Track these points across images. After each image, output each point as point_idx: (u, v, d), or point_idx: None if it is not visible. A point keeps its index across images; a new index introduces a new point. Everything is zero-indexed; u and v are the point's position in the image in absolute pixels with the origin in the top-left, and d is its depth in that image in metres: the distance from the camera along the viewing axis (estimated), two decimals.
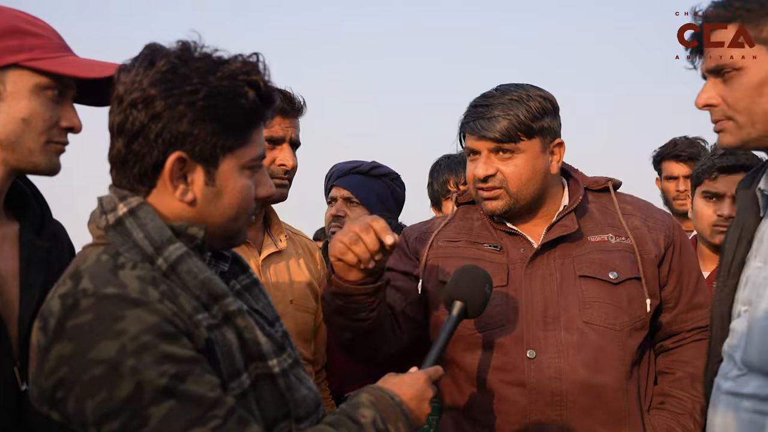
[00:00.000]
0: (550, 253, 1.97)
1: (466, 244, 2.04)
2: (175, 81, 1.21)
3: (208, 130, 1.22)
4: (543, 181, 1.98)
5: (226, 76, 1.23)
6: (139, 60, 1.25)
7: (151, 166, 1.23)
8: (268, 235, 2.23)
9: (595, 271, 1.93)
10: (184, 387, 1.11)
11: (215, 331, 1.21)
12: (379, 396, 1.35)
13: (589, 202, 2.06)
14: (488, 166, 1.95)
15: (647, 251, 1.98)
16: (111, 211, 1.24)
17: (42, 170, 1.51)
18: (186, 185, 1.25)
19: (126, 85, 1.23)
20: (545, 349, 1.88)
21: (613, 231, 1.99)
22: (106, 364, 1.09)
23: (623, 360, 1.89)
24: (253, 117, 1.29)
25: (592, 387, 1.86)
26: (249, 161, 1.29)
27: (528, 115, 1.93)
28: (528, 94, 1.97)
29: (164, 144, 1.21)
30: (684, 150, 3.50)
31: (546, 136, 1.97)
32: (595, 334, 1.88)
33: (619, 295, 1.92)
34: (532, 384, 1.87)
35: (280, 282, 2.18)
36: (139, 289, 1.15)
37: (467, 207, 2.14)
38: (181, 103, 1.20)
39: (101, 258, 1.21)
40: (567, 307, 1.91)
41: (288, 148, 2.16)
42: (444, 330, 1.66)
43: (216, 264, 1.39)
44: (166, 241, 1.22)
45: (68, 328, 1.13)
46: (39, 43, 1.46)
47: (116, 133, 1.24)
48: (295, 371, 1.33)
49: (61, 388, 1.12)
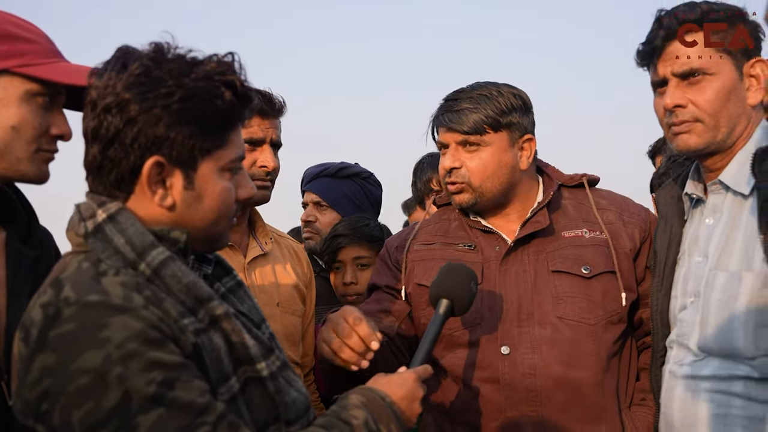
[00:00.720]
0: (523, 250, 1.99)
1: (441, 245, 2.07)
2: (149, 84, 1.19)
3: (185, 133, 1.20)
4: (510, 176, 2.00)
5: (201, 77, 1.22)
6: (112, 63, 1.23)
7: (128, 171, 1.21)
8: (253, 237, 2.22)
9: (568, 266, 1.95)
10: (172, 394, 1.10)
11: (202, 336, 1.20)
12: (370, 397, 1.35)
13: (563, 198, 2.09)
14: (454, 158, 2.00)
15: (622, 245, 1.99)
16: (90, 218, 1.22)
17: (30, 179, 1.48)
18: (165, 190, 1.23)
19: (99, 90, 1.21)
20: (519, 345, 1.90)
21: (588, 226, 2.02)
22: (92, 373, 1.08)
23: (598, 354, 1.91)
24: (231, 118, 1.27)
25: (567, 382, 1.88)
26: (228, 163, 1.28)
27: (496, 109, 1.97)
28: (499, 90, 2.01)
29: (141, 149, 1.19)
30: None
31: (514, 131, 2.00)
32: (568, 329, 1.90)
33: (593, 290, 1.94)
34: (506, 380, 1.88)
35: (266, 285, 2.17)
36: (122, 296, 1.13)
37: (445, 209, 2.18)
38: (156, 106, 1.18)
39: (82, 265, 1.19)
40: (540, 303, 1.93)
41: (269, 149, 2.15)
42: (431, 328, 1.67)
43: (199, 267, 1.38)
44: (148, 246, 1.20)
45: (51, 338, 1.11)
46: (30, 49, 1.44)
47: (91, 139, 1.22)
48: (284, 373, 1.32)
49: (45, 399, 1.10)
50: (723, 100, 1.68)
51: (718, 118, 1.68)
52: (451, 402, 1.97)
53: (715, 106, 1.68)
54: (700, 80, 1.68)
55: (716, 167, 1.75)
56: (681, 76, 1.71)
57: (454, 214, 2.13)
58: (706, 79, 1.68)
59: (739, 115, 1.70)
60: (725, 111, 1.68)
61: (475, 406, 1.91)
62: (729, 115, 1.68)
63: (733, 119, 1.69)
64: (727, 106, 1.68)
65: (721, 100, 1.68)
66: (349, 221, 2.58)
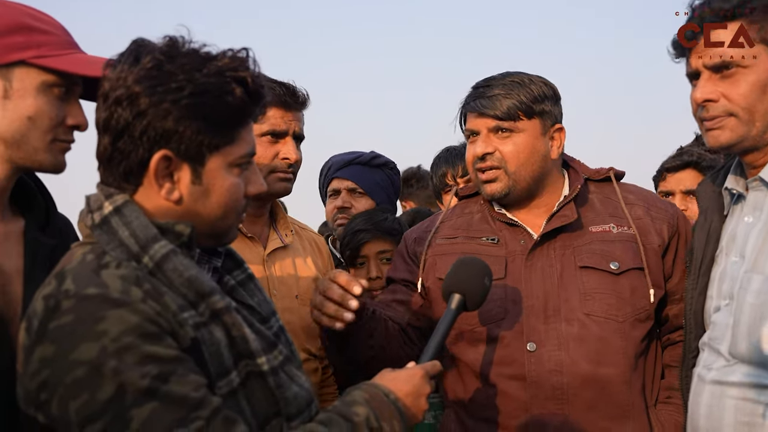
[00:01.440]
0: (550, 244, 1.95)
1: (463, 239, 2.04)
2: (160, 78, 1.19)
3: (194, 128, 1.21)
4: (542, 164, 1.97)
5: (212, 72, 1.22)
6: (125, 56, 1.23)
7: (137, 164, 1.22)
8: (274, 230, 2.22)
9: (595, 261, 1.92)
10: (166, 388, 1.11)
11: (202, 330, 1.20)
12: (374, 393, 1.34)
13: (590, 192, 2.05)
14: (487, 144, 1.96)
15: (650, 241, 1.95)
16: (97, 209, 1.24)
17: (47, 168, 1.50)
18: (172, 183, 1.24)
19: (111, 82, 1.22)
20: (545, 342, 1.87)
21: (615, 221, 1.98)
22: (88, 365, 1.09)
23: (626, 352, 1.87)
24: (241, 115, 1.27)
25: (594, 380, 1.84)
26: (237, 159, 1.27)
27: (528, 96, 1.95)
28: (530, 78, 1.99)
29: (149, 142, 1.20)
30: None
31: (546, 119, 1.97)
32: (596, 326, 1.87)
33: (621, 286, 1.90)
34: (533, 377, 1.85)
35: (286, 277, 2.17)
36: (121, 289, 1.14)
37: (467, 201, 2.14)
38: (166, 100, 1.18)
39: (86, 258, 1.20)
40: (567, 299, 1.89)
41: (291, 142, 2.15)
42: (442, 323, 1.64)
43: (209, 260, 1.38)
44: (151, 239, 1.21)
45: (50, 330, 1.12)
46: (47, 40, 1.45)
47: (102, 130, 1.23)
48: (287, 368, 1.32)
49: (44, 390, 1.12)
50: (758, 93, 1.61)
51: (753, 112, 1.61)
52: (473, 398, 1.94)
53: (749, 100, 1.61)
54: (734, 73, 1.62)
55: (758, 164, 1.68)
56: (713, 69, 1.64)
57: (477, 206, 2.09)
58: (739, 71, 1.61)
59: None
60: (761, 105, 1.61)
61: (498, 403, 1.88)
62: (765, 109, 1.62)
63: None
64: (763, 100, 1.61)
65: (756, 94, 1.61)
66: (367, 216, 2.56)
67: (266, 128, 2.09)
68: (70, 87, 1.48)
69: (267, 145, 2.10)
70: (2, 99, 1.41)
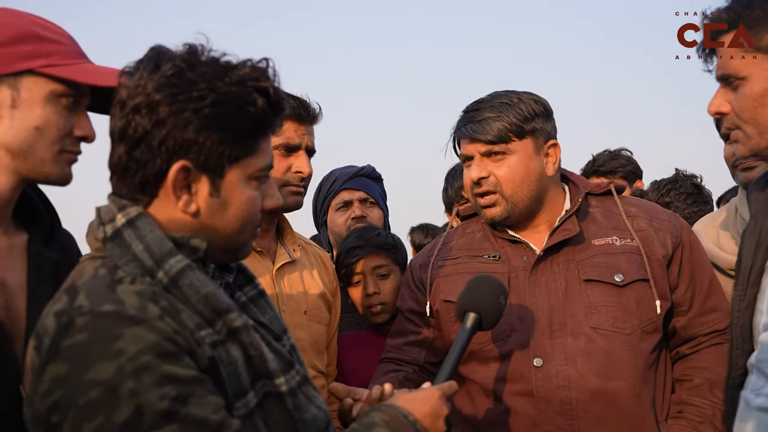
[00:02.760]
0: (553, 259, 1.94)
1: (465, 259, 2.04)
2: (181, 86, 1.16)
3: (215, 138, 1.17)
4: (539, 183, 1.96)
5: (234, 82, 1.18)
6: (144, 63, 1.20)
7: (154, 174, 1.18)
8: (282, 245, 2.19)
9: (600, 274, 1.90)
10: (186, 410, 1.06)
11: (219, 348, 1.16)
12: (393, 415, 1.31)
13: (591, 206, 2.04)
14: (481, 169, 1.96)
15: (654, 252, 1.94)
16: (109, 222, 1.19)
17: (53, 180, 1.47)
18: (189, 195, 1.20)
19: (129, 89, 1.18)
20: (552, 357, 1.85)
21: (618, 233, 1.97)
22: (103, 386, 1.04)
23: (635, 365, 1.85)
24: (262, 126, 1.24)
25: (603, 394, 1.82)
26: (256, 172, 1.24)
27: (518, 116, 1.93)
28: (519, 97, 1.97)
29: (168, 152, 1.16)
30: (602, 165, 3.58)
31: (538, 137, 1.96)
32: (603, 340, 1.85)
33: (626, 298, 1.88)
34: (540, 393, 1.83)
35: (294, 292, 2.14)
36: (138, 306, 1.10)
37: (468, 221, 2.14)
38: (187, 109, 1.15)
39: (99, 272, 1.15)
40: (573, 313, 1.88)
41: (304, 155, 2.13)
42: (457, 343, 1.62)
43: (220, 275, 1.34)
44: (167, 254, 1.16)
45: (63, 348, 1.07)
46: (55, 50, 1.43)
47: (117, 138, 1.19)
48: (304, 389, 1.28)
49: (56, 411, 1.07)
50: (756, 104, 1.52)
51: (756, 124, 1.53)
52: (483, 417, 1.92)
53: (748, 113, 1.53)
54: (738, 84, 1.55)
55: None
56: (721, 80, 1.59)
57: (478, 225, 2.10)
58: (740, 82, 1.54)
59: None
60: (762, 116, 1.52)
61: (508, 420, 1.86)
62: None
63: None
64: (763, 112, 1.51)
65: (754, 105, 1.52)
66: (358, 233, 2.53)
67: (280, 141, 2.07)
68: (78, 98, 1.46)
69: (280, 158, 2.08)
70: (10, 108, 1.39)
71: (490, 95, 2.00)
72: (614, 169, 3.53)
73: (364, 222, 2.70)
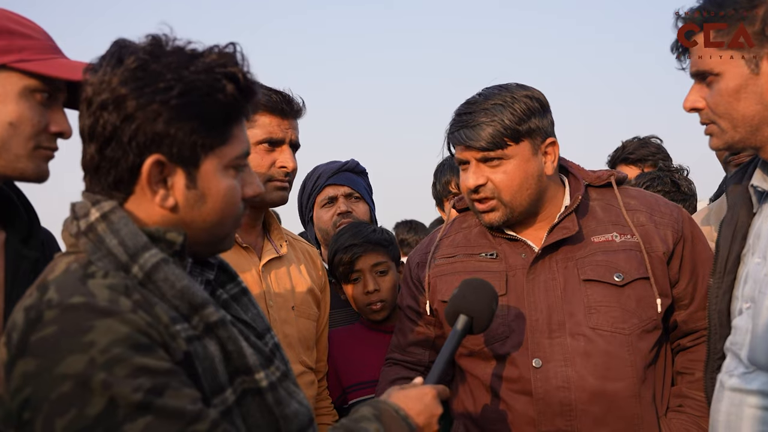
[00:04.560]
0: (552, 257, 1.90)
1: (462, 257, 2.00)
2: (146, 78, 1.12)
3: (186, 129, 1.14)
4: (537, 184, 1.91)
5: (201, 69, 1.15)
6: (107, 58, 1.16)
7: (127, 171, 1.15)
8: (268, 240, 2.17)
9: (599, 274, 1.86)
10: (161, 401, 1.03)
11: (195, 343, 1.13)
12: (383, 409, 1.30)
13: (591, 199, 1.99)
14: (478, 175, 1.89)
15: (654, 249, 1.90)
16: (83, 216, 1.16)
17: (29, 177, 1.45)
18: (166, 190, 1.17)
19: (94, 86, 1.14)
20: (551, 358, 1.82)
21: (618, 229, 1.92)
22: (74, 379, 1.01)
23: (635, 365, 1.83)
24: (233, 112, 1.20)
25: (602, 395, 1.79)
26: (232, 160, 1.21)
27: (513, 118, 1.85)
28: (513, 96, 1.88)
29: (139, 147, 1.13)
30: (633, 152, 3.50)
31: (535, 137, 1.88)
32: (602, 340, 1.82)
33: (626, 298, 1.85)
34: (540, 394, 1.81)
35: (282, 288, 2.12)
36: (108, 298, 1.07)
37: (465, 214, 2.09)
38: (155, 101, 1.12)
39: (71, 267, 1.13)
40: (572, 313, 1.84)
41: (288, 150, 2.11)
42: (448, 345, 1.60)
43: (201, 272, 1.31)
44: (141, 248, 1.13)
45: (32, 343, 1.04)
46: (28, 44, 1.42)
47: (87, 137, 1.16)
48: (284, 385, 1.25)
49: (27, 408, 1.04)
50: (731, 100, 1.56)
51: (731, 118, 1.57)
52: (482, 413, 1.91)
53: (723, 108, 1.57)
54: (712, 80, 1.58)
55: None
56: (695, 77, 1.62)
57: (475, 219, 2.04)
58: (714, 79, 1.58)
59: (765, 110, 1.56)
60: (736, 111, 1.56)
61: (507, 418, 1.85)
62: (742, 114, 1.56)
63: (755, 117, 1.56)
64: (737, 107, 1.56)
65: (728, 100, 1.56)
66: (352, 230, 2.50)
67: (263, 136, 2.05)
68: (54, 93, 1.44)
69: (263, 154, 2.06)
70: None
71: (482, 95, 1.92)
72: (644, 157, 3.44)
73: (350, 218, 2.68)
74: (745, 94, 1.55)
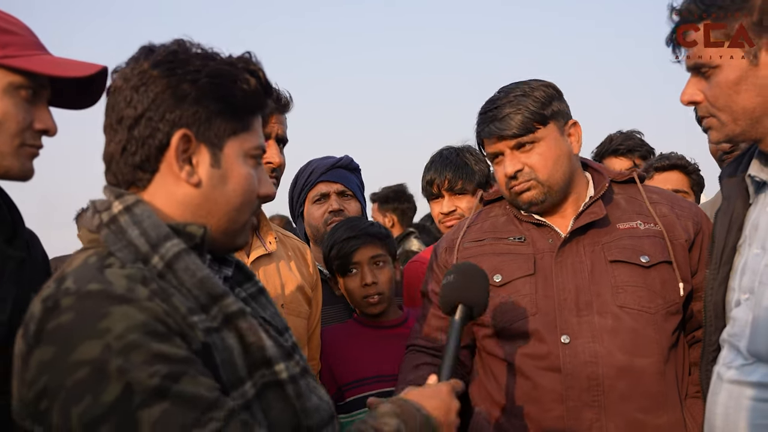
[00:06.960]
0: (579, 241, 1.98)
1: (491, 240, 2.07)
2: (176, 62, 1.19)
3: (213, 109, 1.20)
4: (569, 163, 2.01)
5: (225, 62, 1.23)
6: (136, 54, 1.23)
7: (155, 148, 1.18)
8: (257, 236, 2.13)
9: (626, 255, 1.94)
10: (178, 387, 1.01)
11: (214, 335, 1.12)
12: (404, 407, 1.30)
13: (615, 193, 2.09)
14: (515, 162, 1.99)
15: (677, 236, 1.98)
16: (105, 209, 1.17)
17: (14, 175, 1.43)
18: (191, 167, 1.20)
19: (125, 74, 1.20)
20: (579, 334, 1.87)
21: (642, 218, 2.02)
22: (90, 365, 1.00)
23: (660, 343, 1.88)
24: (255, 102, 1.26)
25: (630, 370, 1.85)
26: (252, 149, 1.26)
27: (536, 103, 1.98)
28: (530, 86, 2.02)
29: (168, 124, 1.17)
30: (621, 144, 3.58)
31: (559, 119, 2.01)
32: (630, 318, 1.88)
33: (652, 279, 1.92)
34: (568, 369, 1.86)
35: (271, 286, 2.07)
36: (126, 287, 1.06)
37: (492, 206, 2.19)
38: (185, 81, 1.18)
39: (89, 260, 1.13)
40: (599, 293, 1.91)
41: (274, 145, 2.09)
42: (450, 338, 1.60)
43: (219, 269, 1.31)
44: (164, 238, 1.14)
45: (48, 331, 1.04)
46: (12, 41, 1.39)
47: (115, 123, 1.19)
48: (305, 380, 1.24)
49: (44, 398, 1.02)
50: (730, 92, 1.55)
51: (731, 111, 1.56)
52: (507, 393, 1.94)
53: (723, 100, 1.56)
54: (710, 73, 1.57)
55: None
56: (693, 70, 1.61)
57: (501, 210, 2.13)
58: (713, 71, 1.56)
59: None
60: (736, 104, 1.55)
61: (534, 396, 1.88)
62: (743, 107, 1.55)
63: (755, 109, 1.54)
64: (737, 99, 1.55)
65: (728, 93, 1.55)
66: (349, 224, 2.49)
67: None
68: (38, 90, 1.43)
69: None
70: None
71: (503, 91, 2.04)
72: (632, 148, 3.54)
73: (341, 216, 2.65)
74: (745, 86, 1.54)
